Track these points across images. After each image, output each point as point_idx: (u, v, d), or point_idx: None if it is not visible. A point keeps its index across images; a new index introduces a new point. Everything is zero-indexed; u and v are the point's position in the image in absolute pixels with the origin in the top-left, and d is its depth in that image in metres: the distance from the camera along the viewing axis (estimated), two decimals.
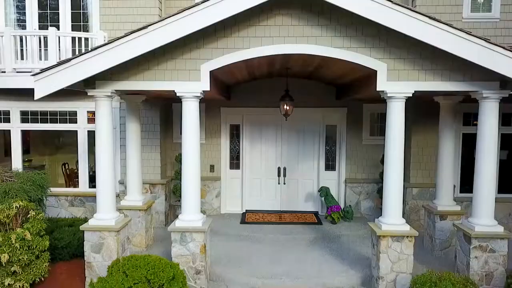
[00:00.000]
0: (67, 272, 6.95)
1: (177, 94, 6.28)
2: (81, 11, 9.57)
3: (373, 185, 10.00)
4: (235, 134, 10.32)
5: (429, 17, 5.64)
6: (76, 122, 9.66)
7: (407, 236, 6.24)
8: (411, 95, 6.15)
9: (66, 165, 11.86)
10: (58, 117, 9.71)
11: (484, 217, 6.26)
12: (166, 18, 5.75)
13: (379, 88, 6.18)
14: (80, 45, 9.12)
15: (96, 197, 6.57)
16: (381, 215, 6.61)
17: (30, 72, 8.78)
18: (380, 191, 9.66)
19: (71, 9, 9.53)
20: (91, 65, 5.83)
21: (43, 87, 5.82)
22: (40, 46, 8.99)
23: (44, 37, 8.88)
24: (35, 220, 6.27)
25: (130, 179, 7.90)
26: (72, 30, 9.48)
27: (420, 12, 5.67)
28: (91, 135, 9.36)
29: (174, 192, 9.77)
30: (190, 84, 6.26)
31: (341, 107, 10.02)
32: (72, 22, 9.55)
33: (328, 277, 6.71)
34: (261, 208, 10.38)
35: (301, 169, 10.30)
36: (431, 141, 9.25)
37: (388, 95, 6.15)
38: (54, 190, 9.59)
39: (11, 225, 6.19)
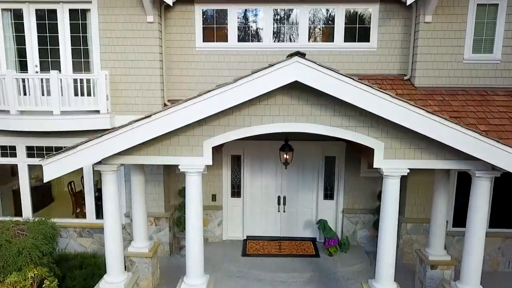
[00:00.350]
0: None
1: (181, 169, 6.49)
2: (81, 47, 9.54)
3: (370, 216, 10.37)
4: (236, 164, 10.57)
5: (427, 112, 5.77)
6: None
7: None
8: (406, 173, 6.37)
9: (72, 183, 12.17)
10: None
11: (471, 286, 6.66)
12: (168, 108, 5.87)
13: (375, 165, 6.38)
14: (82, 83, 9.21)
15: (104, 246, 6.95)
16: (376, 243, 6.95)
17: (34, 112, 8.98)
18: (376, 224, 10.04)
19: (72, 45, 9.51)
20: (96, 152, 6.02)
21: (52, 170, 6.03)
22: (42, 83, 9.08)
23: (46, 79, 8.95)
24: None
25: (136, 226, 8.24)
26: (73, 59, 9.49)
27: (417, 106, 5.78)
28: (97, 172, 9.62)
29: (177, 225, 10.16)
30: (193, 159, 6.46)
31: (340, 140, 10.20)
32: (73, 57, 9.56)
33: None
34: (262, 234, 10.81)
35: (301, 198, 10.64)
36: (427, 179, 9.50)
37: (385, 173, 6.37)
38: (63, 221, 10.01)
39: None
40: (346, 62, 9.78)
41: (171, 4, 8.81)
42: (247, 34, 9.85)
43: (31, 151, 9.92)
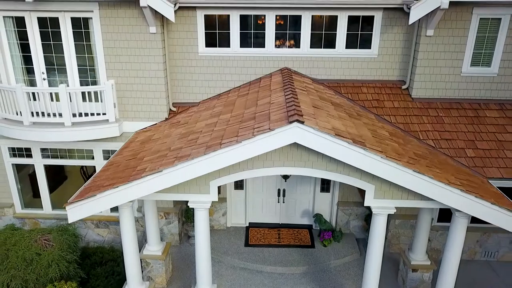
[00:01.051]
0: None
1: (190, 206, 7.19)
2: (86, 55, 9.67)
3: (363, 208, 11.25)
4: None
5: (415, 171, 6.28)
6: (93, 159, 10.52)
7: None
8: (393, 212, 7.06)
9: (84, 167, 12.93)
10: (76, 154, 10.55)
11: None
12: (177, 164, 6.39)
13: (366, 203, 7.06)
14: (90, 97, 9.54)
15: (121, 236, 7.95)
16: (367, 233, 7.95)
17: (46, 123, 9.43)
18: (367, 218, 10.96)
19: (76, 53, 9.64)
20: (113, 200, 6.66)
21: (75, 214, 6.73)
22: (52, 97, 9.41)
23: (55, 94, 9.27)
24: None
25: (149, 231, 9.14)
26: (79, 66, 9.71)
27: (406, 165, 6.28)
28: None
29: (186, 217, 11.10)
30: (200, 197, 7.13)
31: None
32: (78, 63, 9.74)
33: None
34: (263, 221, 11.80)
35: (299, 191, 11.44)
36: None
37: (374, 212, 7.07)
38: None
39: None
40: (347, 68, 9.97)
41: (173, 20, 8.79)
42: (249, 39, 9.89)
43: (45, 152, 10.52)
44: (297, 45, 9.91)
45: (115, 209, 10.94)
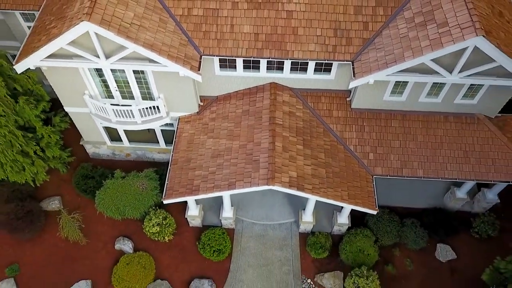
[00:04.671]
0: None
1: None
2: (142, 81, 14.79)
3: None
4: None
5: None
6: None
7: None
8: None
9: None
10: None
11: None
12: None
13: None
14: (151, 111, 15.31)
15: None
16: None
17: (125, 122, 15.64)
18: None
19: (136, 80, 14.74)
20: None
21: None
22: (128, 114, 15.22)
23: (130, 110, 15.05)
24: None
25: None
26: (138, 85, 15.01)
27: None
28: None
29: None
30: None
31: None
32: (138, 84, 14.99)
33: None
34: None
35: None
36: None
37: None
38: (148, 146, 18.19)
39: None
40: (314, 83, 15.19)
41: (201, 81, 13.67)
42: (249, 66, 14.70)
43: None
44: (281, 70, 14.79)
45: (167, 145, 18.14)
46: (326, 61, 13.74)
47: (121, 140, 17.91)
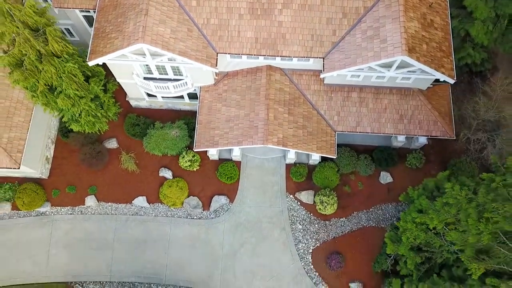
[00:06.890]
0: None
1: None
2: (175, 66, 20.68)
3: None
4: None
5: None
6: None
7: None
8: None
9: None
10: None
11: None
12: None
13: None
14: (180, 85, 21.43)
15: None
16: None
17: (162, 92, 22.03)
18: None
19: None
20: None
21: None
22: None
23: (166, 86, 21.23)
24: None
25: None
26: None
27: None
28: None
29: None
30: None
31: None
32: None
33: None
34: None
35: None
36: None
37: None
38: (175, 101, 24.73)
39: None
40: (298, 65, 21.11)
41: (218, 71, 19.61)
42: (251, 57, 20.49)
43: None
44: (274, 59, 20.59)
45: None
46: (305, 58, 19.56)
47: (156, 97, 24.30)
